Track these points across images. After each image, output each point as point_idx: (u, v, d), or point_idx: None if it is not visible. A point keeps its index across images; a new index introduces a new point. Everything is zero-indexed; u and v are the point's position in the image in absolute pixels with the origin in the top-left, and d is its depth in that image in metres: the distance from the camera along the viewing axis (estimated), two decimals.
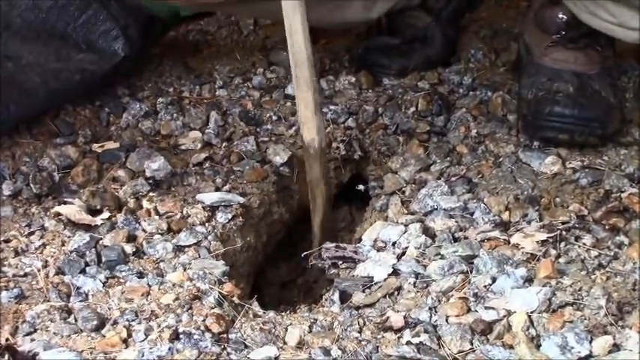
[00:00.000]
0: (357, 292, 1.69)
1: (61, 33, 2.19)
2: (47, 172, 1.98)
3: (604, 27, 2.00)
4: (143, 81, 2.32)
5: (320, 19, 2.29)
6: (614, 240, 1.76)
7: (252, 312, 1.65)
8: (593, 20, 2.00)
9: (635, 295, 1.62)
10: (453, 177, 1.99)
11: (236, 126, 2.17)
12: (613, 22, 1.98)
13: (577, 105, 2.00)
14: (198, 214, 1.87)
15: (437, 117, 2.18)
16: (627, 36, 2.00)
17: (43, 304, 1.64)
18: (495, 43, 2.47)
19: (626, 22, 1.96)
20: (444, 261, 1.73)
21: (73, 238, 1.80)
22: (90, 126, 2.14)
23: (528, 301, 1.61)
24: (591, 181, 1.94)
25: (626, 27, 1.97)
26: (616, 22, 1.97)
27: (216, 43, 2.51)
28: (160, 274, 1.73)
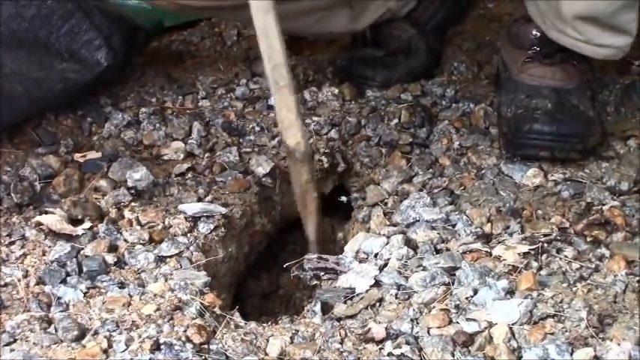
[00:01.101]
0: (338, 303, 1.69)
1: (43, 42, 2.19)
2: (28, 182, 1.97)
3: (571, 44, 2.02)
4: (126, 91, 2.32)
5: (305, 29, 2.30)
6: (596, 252, 1.77)
7: (233, 323, 1.64)
8: (562, 38, 2.02)
9: (616, 308, 1.63)
10: (435, 189, 2.00)
11: (219, 137, 2.17)
12: (581, 40, 2.00)
13: (556, 121, 2.01)
14: (180, 225, 1.87)
15: (419, 129, 2.19)
16: (596, 52, 2.02)
17: (23, 314, 1.63)
18: (478, 56, 2.48)
19: (593, 39, 1.99)
20: (425, 272, 1.73)
21: (54, 248, 1.79)
22: (72, 135, 2.14)
23: (510, 312, 1.61)
24: (573, 193, 1.95)
25: (593, 44, 2.00)
26: (583, 39, 1.99)
27: (199, 54, 2.51)
28: (142, 284, 1.72)
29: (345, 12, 2.15)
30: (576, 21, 1.96)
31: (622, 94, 2.28)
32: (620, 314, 1.61)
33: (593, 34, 1.98)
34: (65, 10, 2.22)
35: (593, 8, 1.93)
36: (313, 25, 2.25)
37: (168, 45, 2.50)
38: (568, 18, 1.96)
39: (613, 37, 1.99)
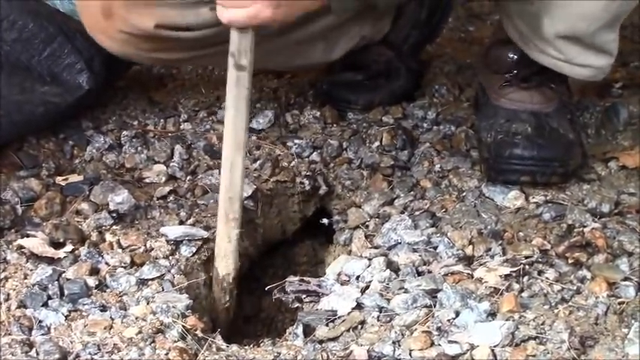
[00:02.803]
0: (320, 325, 1.70)
1: (25, 65, 2.19)
2: (10, 205, 1.97)
3: (552, 63, 2.03)
4: (107, 114, 2.31)
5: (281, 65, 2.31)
6: (577, 274, 1.78)
7: (215, 346, 1.64)
8: (543, 58, 2.03)
9: (598, 330, 1.64)
10: (416, 211, 2.00)
11: (200, 159, 2.17)
12: (561, 59, 2.01)
13: (536, 146, 2.02)
14: (162, 248, 1.87)
15: (401, 151, 2.20)
16: (576, 72, 2.04)
17: (4, 337, 1.63)
18: (459, 79, 2.49)
19: (574, 58, 2.00)
20: (407, 295, 1.73)
21: (36, 271, 1.79)
22: (53, 159, 2.14)
23: (491, 335, 1.61)
24: (554, 215, 1.96)
25: (573, 63, 2.01)
26: (564, 58, 2.00)
27: (180, 77, 2.51)
28: (123, 307, 1.72)
29: (319, 45, 2.15)
30: (557, 40, 1.97)
31: (602, 117, 2.29)
32: (601, 336, 1.62)
33: (574, 53, 1.99)
34: (47, 33, 2.22)
35: (574, 27, 1.95)
36: (288, 60, 2.25)
37: (149, 68, 2.50)
38: (549, 37, 1.98)
39: (594, 56, 2.00)
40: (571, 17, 1.94)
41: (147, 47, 1.97)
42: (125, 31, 1.93)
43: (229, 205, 1.78)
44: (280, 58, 2.22)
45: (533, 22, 1.98)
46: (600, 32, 1.95)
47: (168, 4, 1.89)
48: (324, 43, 2.19)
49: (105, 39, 1.98)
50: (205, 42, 1.96)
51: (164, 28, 1.91)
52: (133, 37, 1.94)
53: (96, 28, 1.97)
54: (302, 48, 2.20)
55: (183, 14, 1.91)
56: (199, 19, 1.92)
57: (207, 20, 1.92)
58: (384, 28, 2.34)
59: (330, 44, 2.29)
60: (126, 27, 1.92)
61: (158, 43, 1.95)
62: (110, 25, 1.93)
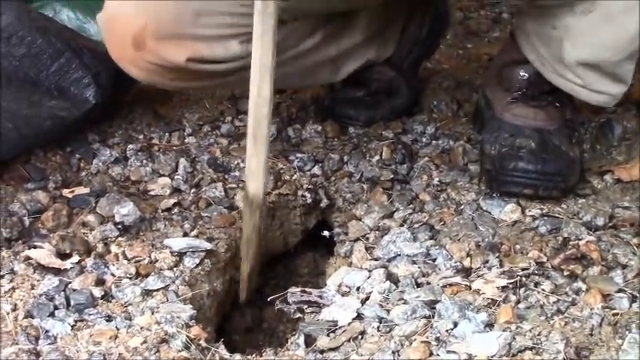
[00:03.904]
0: (321, 336, 1.69)
1: (33, 80, 2.20)
2: (17, 217, 1.97)
3: (569, 87, 2.03)
4: (114, 128, 2.32)
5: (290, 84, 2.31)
6: (572, 286, 1.78)
7: (218, 356, 1.64)
8: (558, 80, 2.03)
9: (593, 340, 1.64)
10: (415, 224, 2.00)
11: (204, 173, 2.17)
12: (578, 84, 2.00)
13: (540, 160, 2.03)
14: (166, 259, 1.87)
15: (400, 165, 2.20)
16: (591, 98, 2.02)
17: (11, 346, 1.63)
18: (458, 95, 2.49)
19: (591, 84, 1.99)
20: (406, 306, 1.73)
21: (43, 282, 1.79)
22: (60, 171, 2.14)
23: (489, 345, 1.61)
24: (550, 228, 1.96)
25: (591, 89, 2.00)
26: (581, 83, 2.00)
27: (185, 92, 2.51)
28: (128, 317, 1.72)
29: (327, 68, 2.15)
30: (578, 67, 1.97)
31: (597, 132, 2.29)
32: (596, 347, 1.62)
33: (593, 79, 1.99)
34: (55, 49, 2.23)
35: (599, 56, 1.94)
36: (300, 82, 2.27)
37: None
38: (570, 63, 1.97)
39: (611, 84, 1.99)
40: (596, 46, 1.93)
41: (174, 77, 1.97)
42: (155, 63, 1.93)
43: (257, 125, 1.79)
44: (291, 81, 2.23)
45: (554, 45, 1.98)
46: (622, 62, 1.95)
47: (198, 38, 1.89)
48: (332, 66, 2.20)
49: (132, 68, 1.98)
50: (231, 72, 1.97)
51: (194, 62, 1.92)
52: (162, 69, 1.94)
53: (124, 58, 1.97)
54: (313, 71, 2.21)
55: (213, 48, 1.92)
56: (228, 52, 1.94)
57: (235, 53, 1.94)
58: (389, 50, 2.34)
59: (337, 66, 2.30)
60: (156, 59, 1.92)
61: (186, 74, 1.95)
62: (140, 56, 1.93)
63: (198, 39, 1.90)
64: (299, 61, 2.11)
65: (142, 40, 1.90)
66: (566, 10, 1.92)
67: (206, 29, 1.90)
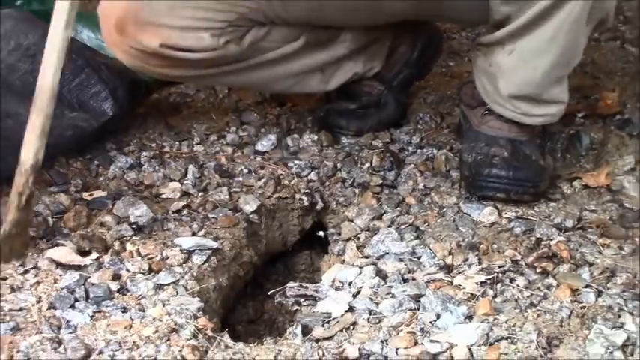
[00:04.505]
0: (317, 326, 1.70)
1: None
2: (42, 217, 1.97)
3: (512, 116, 2.06)
4: (129, 137, 2.32)
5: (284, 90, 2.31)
6: (544, 282, 1.78)
7: (223, 343, 1.64)
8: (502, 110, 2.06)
9: (563, 331, 1.64)
10: (402, 225, 2.00)
11: (211, 178, 2.17)
12: (518, 113, 2.03)
13: (512, 168, 2.03)
14: (176, 256, 1.87)
15: (388, 172, 2.20)
16: (534, 121, 2.06)
17: (36, 335, 1.63)
18: (441, 108, 2.49)
19: (528, 112, 2.04)
20: (394, 299, 1.73)
21: (64, 277, 1.79)
22: (81, 176, 2.14)
23: (468, 335, 1.62)
24: (524, 230, 1.96)
25: (529, 115, 2.04)
26: (520, 112, 2.03)
27: (194, 104, 2.51)
28: (142, 309, 1.72)
29: (316, 76, 2.15)
30: (512, 99, 2.01)
31: (567, 143, 2.29)
32: (565, 336, 1.62)
33: (528, 108, 2.02)
34: (76, 65, 2.23)
35: (523, 90, 1.98)
36: (289, 87, 2.25)
37: (166, 96, 2.51)
38: (505, 97, 2.01)
39: (545, 107, 2.03)
40: (520, 83, 1.98)
41: (154, 63, 1.97)
42: (135, 47, 1.94)
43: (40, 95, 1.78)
44: (279, 85, 2.23)
45: (493, 81, 2.02)
46: (547, 90, 1.99)
47: (171, 27, 1.89)
48: (321, 75, 2.20)
49: (118, 52, 1.99)
50: (206, 63, 1.97)
51: (168, 48, 1.92)
52: (141, 53, 1.95)
53: (111, 42, 1.98)
54: (300, 77, 2.20)
55: (185, 37, 1.92)
56: (200, 43, 1.93)
57: (207, 45, 1.93)
58: (376, 66, 2.34)
59: (326, 76, 2.29)
60: (135, 44, 1.93)
61: (164, 61, 1.95)
62: (123, 40, 1.94)
63: (171, 28, 1.91)
64: (283, 65, 2.10)
65: (123, 25, 1.92)
66: (499, 48, 1.96)
67: (179, 20, 1.90)
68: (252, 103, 2.50)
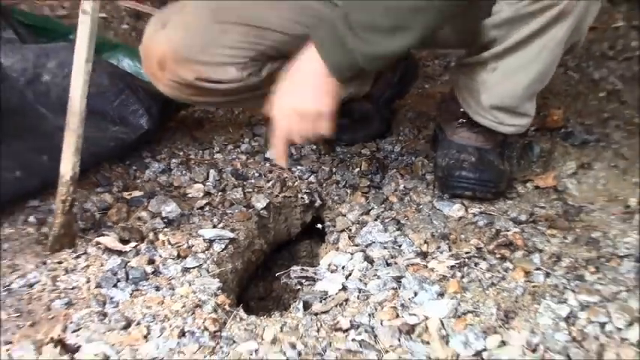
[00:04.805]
0: (315, 302, 1.70)
1: (101, 111, 2.20)
2: (90, 213, 1.97)
3: (489, 124, 2.04)
4: (161, 147, 2.32)
5: None
6: (502, 266, 1.79)
7: (238, 316, 1.65)
8: (482, 120, 2.04)
9: (517, 306, 1.65)
10: (386, 219, 2.01)
11: (228, 180, 2.17)
12: (495, 122, 2.02)
13: (478, 170, 2.04)
14: (200, 245, 1.88)
15: (375, 175, 2.20)
16: (506, 130, 2.04)
17: (85, 309, 1.64)
18: (418, 123, 2.49)
19: (504, 121, 2.02)
20: (379, 280, 1.74)
21: (109, 261, 1.80)
22: (122, 179, 2.14)
23: (440, 309, 1.63)
24: (486, 222, 1.97)
25: (504, 124, 2.02)
26: (497, 121, 2.02)
27: (214, 120, 2.52)
28: (172, 288, 1.73)
29: None
30: (492, 110, 1.99)
31: (522, 151, 2.30)
32: (520, 310, 1.63)
33: (504, 118, 2.01)
34: (118, 88, 2.24)
35: (505, 102, 1.97)
36: None
37: (192, 113, 2.51)
38: (486, 108, 2.00)
39: (518, 119, 2.01)
40: (501, 95, 1.96)
41: (188, 92, 1.97)
42: (174, 80, 1.93)
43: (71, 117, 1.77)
44: None
45: (475, 95, 2.00)
46: (523, 103, 1.97)
47: (204, 63, 1.90)
48: None
49: (159, 84, 1.98)
50: (231, 92, 1.97)
51: (201, 81, 1.92)
52: (179, 85, 1.95)
53: (153, 75, 1.97)
54: None
55: (215, 71, 1.91)
56: (227, 75, 1.93)
57: (233, 77, 1.93)
58: (366, 88, 2.34)
59: None
60: (174, 77, 1.92)
61: (196, 90, 1.95)
62: (163, 74, 1.93)
63: (204, 64, 1.90)
64: None
65: (164, 62, 1.91)
66: (482, 68, 1.95)
67: (211, 57, 1.90)
68: (262, 118, 2.50)
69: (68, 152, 1.78)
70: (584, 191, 2.11)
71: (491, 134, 2.10)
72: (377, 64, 1.74)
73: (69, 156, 1.78)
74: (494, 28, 1.87)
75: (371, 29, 1.67)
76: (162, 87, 2.00)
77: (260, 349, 1.53)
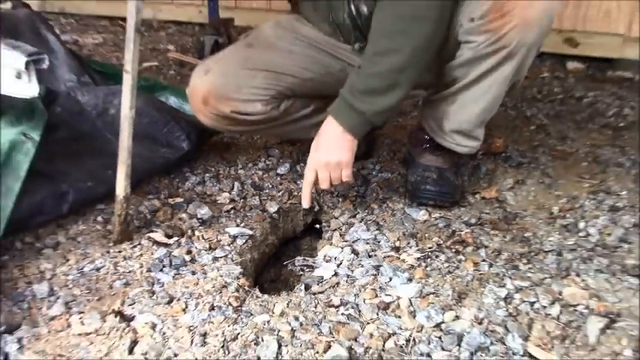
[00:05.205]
0: (314, 285, 1.71)
1: (153, 136, 2.21)
2: (143, 214, 1.98)
3: (449, 146, 2.05)
4: (197, 164, 2.33)
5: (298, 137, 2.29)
6: (457, 258, 1.80)
7: (255, 295, 1.66)
8: (443, 142, 2.05)
9: (468, 289, 1.66)
10: (368, 221, 2.01)
11: (249, 191, 2.18)
12: (453, 143, 2.03)
13: (438, 185, 2.04)
14: (226, 240, 1.88)
15: (360, 187, 2.21)
16: (461, 150, 2.05)
17: (138, 288, 1.65)
18: (393, 148, 2.50)
19: (460, 143, 2.02)
20: (363, 268, 1.75)
21: (157, 251, 1.80)
22: (167, 188, 2.15)
23: (409, 291, 1.63)
24: (445, 225, 1.97)
25: (460, 145, 2.03)
26: (455, 143, 2.03)
27: (238, 144, 2.53)
28: (204, 272, 1.73)
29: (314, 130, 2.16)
30: (452, 133, 2.00)
31: (472, 170, 2.31)
32: (470, 292, 1.64)
33: (460, 140, 2.01)
34: (165, 119, 2.24)
35: (462, 127, 1.97)
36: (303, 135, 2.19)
37: (221, 139, 2.52)
38: (447, 132, 2.00)
39: (471, 141, 2.02)
40: (459, 121, 1.97)
41: (224, 123, 1.98)
42: (214, 113, 1.95)
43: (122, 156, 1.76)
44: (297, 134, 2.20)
45: (439, 123, 2.01)
46: (475, 128, 1.98)
47: (238, 99, 1.91)
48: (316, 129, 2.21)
49: (202, 116, 2.00)
50: (257, 122, 1.98)
51: (235, 113, 1.93)
52: (218, 117, 1.96)
53: (197, 110, 1.99)
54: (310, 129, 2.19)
55: (246, 106, 1.93)
56: (255, 109, 1.95)
57: (259, 110, 1.95)
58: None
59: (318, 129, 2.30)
60: (214, 111, 1.94)
61: (231, 121, 1.97)
62: (206, 109, 1.95)
63: (238, 100, 1.92)
64: (300, 123, 2.09)
65: (206, 100, 1.93)
66: (444, 102, 1.96)
67: (243, 95, 1.92)
68: (275, 143, 2.51)
69: (121, 178, 1.78)
70: (519, 201, 2.12)
71: (449, 157, 2.11)
72: (383, 118, 1.80)
73: (121, 181, 1.78)
74: (457, 68, 1.88)
75: (371, 93, 1.73)
76: (204, 119, 2.01)
77: (271, 320, 1.54)
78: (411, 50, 1.69)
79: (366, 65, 1.75)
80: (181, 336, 1.48)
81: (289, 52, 2.00)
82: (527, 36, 1.74)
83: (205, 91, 1.93)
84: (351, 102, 1.77)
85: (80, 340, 1.47)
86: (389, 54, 1.71)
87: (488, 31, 1.75)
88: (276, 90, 1.96)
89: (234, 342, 1.47)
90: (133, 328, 1.50)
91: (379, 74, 1.72)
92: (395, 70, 1.71)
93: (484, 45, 1.78)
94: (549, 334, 1.49)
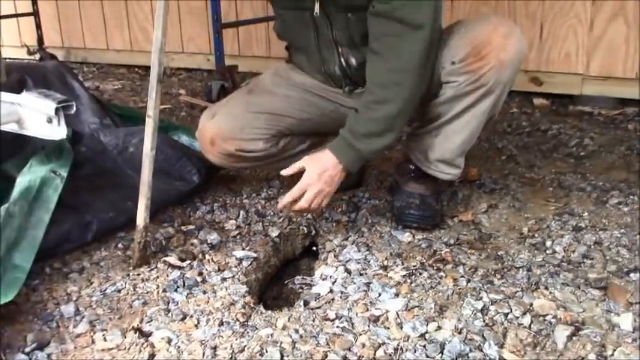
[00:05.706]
0: (312, 300, 1.71)
1: (167, 171, 2.23)
2: (159, 240, 1.99)
3: (433, 173, 2.06)
4: (207, 195, 2.34)
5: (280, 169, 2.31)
6: (438, 274, 1.80)
7: (259, 311, 1.66)
8: (428, 170, 2.06)
9: (449, 302, 1.66)
10: (359, 243, 2.01)
11: (253, 218, 2.19)
12: (437, 171, 2.05)
13: (421, 209, 2.05)
14: (234, 262, 1.89)
15: (351, 213, 2.22)
16: (443, 177, 2.05)
17: (155, 307, 1.65)
18: (380, 177, 2.52)
19: (443, 170, 2.04)
20: (355, 285, 1.75)
21: (172, 273, 1.81)
22: (180, 217, 2.16)
23: (397, 305, 1.64)
24: (427, 245, 1.98)
25: (443, 173, 2.05)
26: (438, 170, 2.04)
27: (243, 176, 2.54)
28: (214, 292, 1.73)
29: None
30: (436, 162, 2.02)
31: (450, 196, 2.32)
32: (450, 305, 1.64)
33: (443, 168, 2.03)
34: (178, 155, 2.27)
35: (444, 156, 1.99)
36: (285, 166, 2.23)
37: (228, 172, 2.53)
38: (432, 160, 2.02)
39: (453, 169, 2.03)
40: (442, 151, 1.99)
41: (230, 160, 2.01)
42: (220, 152, 1.98)
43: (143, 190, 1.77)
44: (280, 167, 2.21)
45: (424, 153, 2.03)
46: (457, 158, 2.01)
47: (242, 139, 1.94)
48: None
49: (210, 155, 2.03)
50: (258, 159, 2.01)
51: (240, 151, 1.96)
52: (224, 155, 1.99)
53: (206, 149, 2.02)
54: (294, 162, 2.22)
55: (249, 145, 1.96)
56: (257, 147, 1.97)
57: (261, 148, 1.98)
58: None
59: None
60: (221, 150, 1.97)
61: (235, 158, 1.99)
62: (214, 148, 1.98)
63: (242, 140, 1.95)
64: (297, 157, 2.08)
65: (213, 140, 1.96)
66: (429, 135, 1.99)
67: (246, 135, 1.95)
68: (276, 175, 2.52)
69: (141, 209, 1.79)
70: (493, 223, 2.13)
71: (431, 185, 2.12)
72: (377, 155, 1.87)
73: (142, 212, 1.79)
74: (440, 105, 1.91)
75: (369, 135, 1.77)
76: (211, 157, 2.04)
77: (274, 334, 1.54)
78: (403, 99, 1.76)
79: (364, 111, 1.80)
80: (194, 349, 1.48)
81: (287, 97, 2.04)
82: (503, 75, 1.79)
83: (213, 133, 1.97)
84: (351, 142, 1.82)
85: (103, 355, 1.47)
86: (385, 102, 1.77)
87: (469, 72, 1.79)
88: (276, 129, 2.00)
89: (241, 354, 1.47)
90: (151, 343, 1.50)
91: (377, 120, 1.78)
92: (390, 117, 1.77)
93: (465, 84, 1.82)
94: (522, 341, 1.50)
